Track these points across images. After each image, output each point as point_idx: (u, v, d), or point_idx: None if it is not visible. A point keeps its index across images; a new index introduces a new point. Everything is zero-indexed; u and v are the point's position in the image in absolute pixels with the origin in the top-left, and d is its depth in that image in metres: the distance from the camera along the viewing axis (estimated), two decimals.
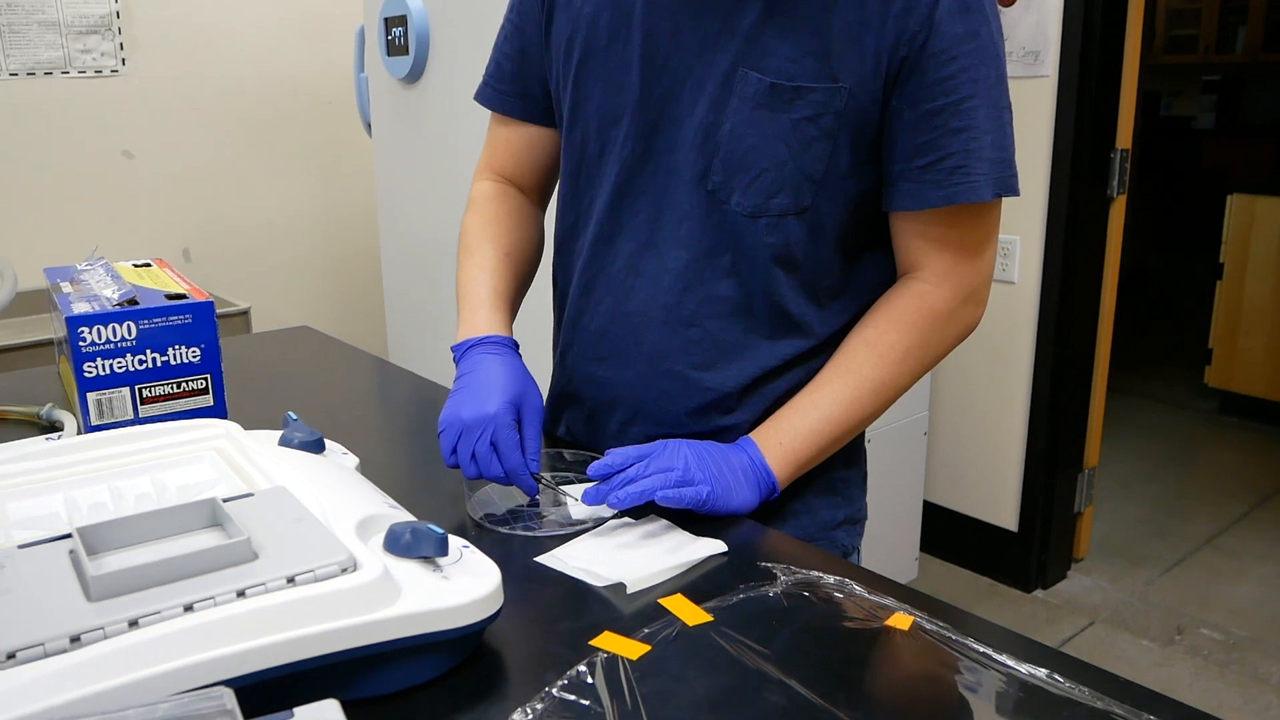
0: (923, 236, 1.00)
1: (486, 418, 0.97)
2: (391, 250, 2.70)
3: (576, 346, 1.12)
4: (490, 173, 1.23)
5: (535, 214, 1.23)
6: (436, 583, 0.71)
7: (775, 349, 1.04)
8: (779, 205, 0.98)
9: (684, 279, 1.02)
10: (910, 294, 1.02)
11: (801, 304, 1.03)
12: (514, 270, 1.16)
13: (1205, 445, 3.88)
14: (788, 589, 0.84)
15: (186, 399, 1.21)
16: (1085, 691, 0.70)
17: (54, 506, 0.83)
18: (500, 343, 1.05)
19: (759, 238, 0.99)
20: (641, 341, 1.06)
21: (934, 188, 0.96)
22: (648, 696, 0.69)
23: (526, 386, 1.02)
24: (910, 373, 1.02)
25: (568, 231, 1.13)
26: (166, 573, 0.65)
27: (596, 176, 1.07)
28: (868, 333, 1.02)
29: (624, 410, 1.09)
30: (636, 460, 0.95)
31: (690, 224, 1.01)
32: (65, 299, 1.21)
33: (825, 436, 1.01)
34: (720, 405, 1.05)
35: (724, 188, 0.99)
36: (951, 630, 0.78)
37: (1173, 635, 2.64)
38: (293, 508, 0.76)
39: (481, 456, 0.97)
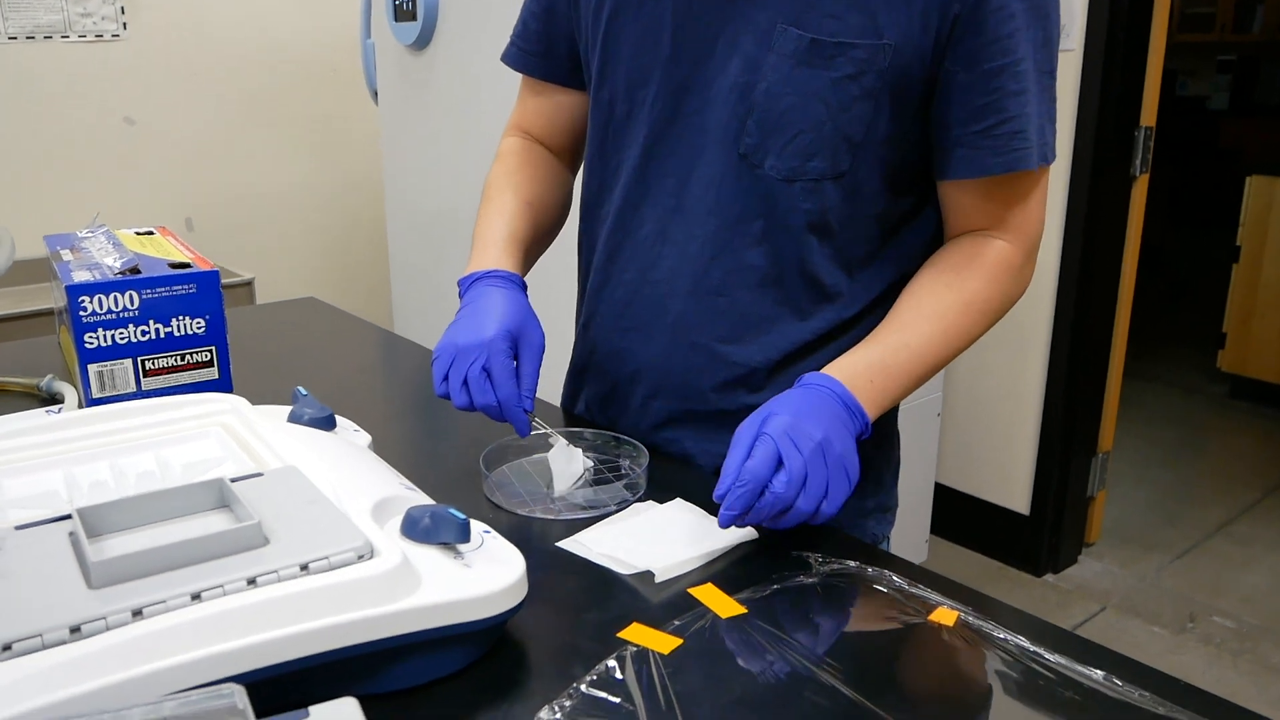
0: (983, 202, 0.96)
1: (481, 343, 0.93)
2: (397, 221, 2.65)
3: (600, 317, 1.08)
4: (517, 131, 1.20)
5: (562, 172, 1.19)
6: (458, 571, 0.67)
7: (805, 323, 0.99)
8: (816, 169, 0.93)
9: (712, 247, 0.98)
10: (983, 245, 0.97)
11: (834, 273, 0.98)
12: (533, 220, 1.11)
13: (1217, 430, 3.84)
14: (824, 580, 0.80)
15: (191, 372, 1.17)
16: (1146, 696, 0.66)
17: (53, 484, 0.79)
18: (505, 277, 1.01)
19: (793, 203, 0.95)
20: (666, 312, 1.02)
21: (992, 154, 0.91)
22: (681, 694, 0.66)
23: (527, 321, 0.97)
24: (986, 325, 0.97)
25: (593, 196, 1.09)
26: (173, 558, 0.61)
27: (624, 139, 1.03)
28: (947, 278, 0.97)
29: (647, 384, 1.05)
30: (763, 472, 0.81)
31: (721, 189, 0.97)
32: (65, 267, 1.16)
33: (911, 380, 0.94)
34: (747, 381, 1.01)
35: (758, 150, 0.94)
36: (999, 627, 0.74)
37: (1185, 622, 2.61)
38: (305, 489, 0.72)
39: (473, 381, 0.92)
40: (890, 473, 1.10)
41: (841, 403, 0.88)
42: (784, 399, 0.87)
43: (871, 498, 1.07)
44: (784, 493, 0.80)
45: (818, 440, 0.82)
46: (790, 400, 0.87)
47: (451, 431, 1.18)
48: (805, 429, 0.83)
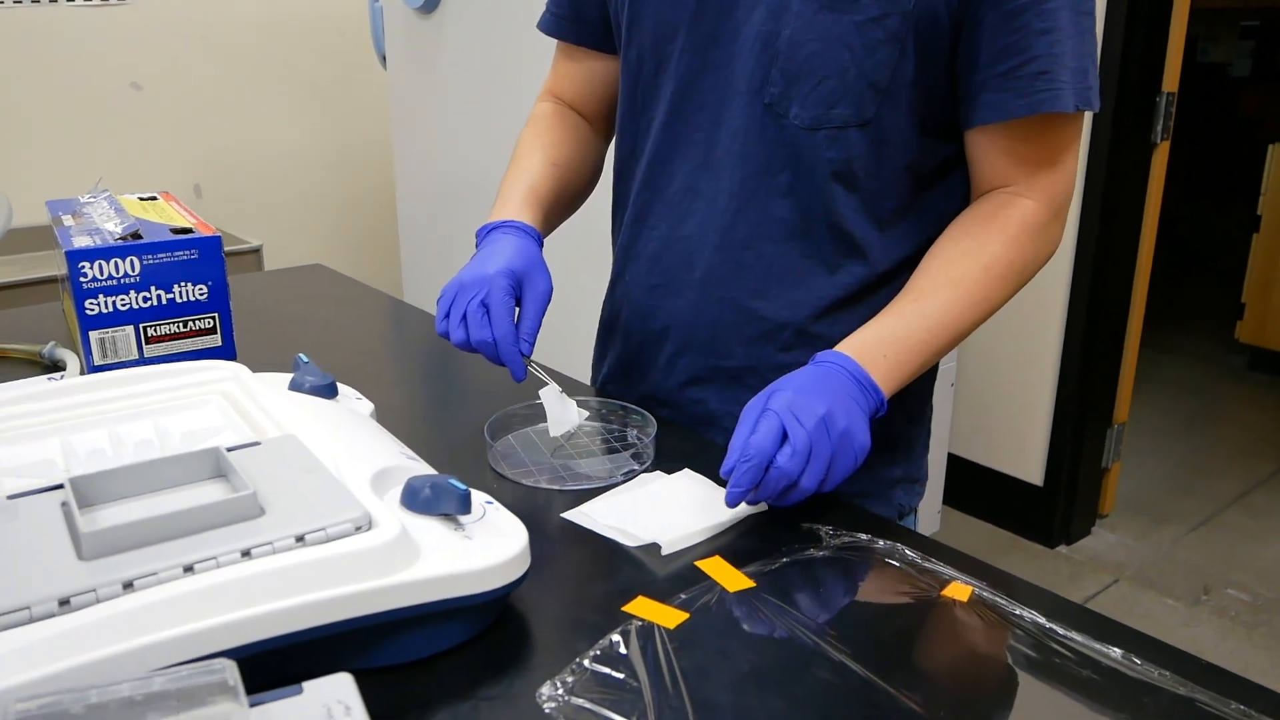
0: (1007, 153, 0.93)
1: (483, 279, 0.93)
2: (406, 187, 2.63)
3: (629, 274, 1.07)
4: (551, 95, 1.19)
5: (593, 138, 1.18)
6: (458, 543, 0.66)
7: (834, 278, 0.97)
8: (840, 116, 0.91)
9: (738, 199, 0.96)
10: (1006, 205, 0.93)
11: (863, 226, 0.96)
12: (558, 180, 1.10)
13: (1234, 402, 3.80)
14: (835, 553, 0.78)
15: (193, 339, 1.16)
16: (1166, 675, 0.64)
17: (50, 452, 0.78)
18: (518, 227, 1.00)
19: (818, 152, 0.93)
20: (694, 267, 1.00)
21: (1016, 96, 0.88)
22: (687, 670, 0.64)
23: (534, 267, 0.96)
24: (1010, 290, 0.94)
25: (625, 159, 1.08)
26: (165, 529, 0.60)
27: (652, 97, 1.02)
28: (967, 243, 0.93)
29: (674, 341, 1.04)
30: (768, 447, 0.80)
31: (746, 140, 0.95)
32: (66, 232, 1.15)
33: (929, 352, 0.91)
34: (775, 338, 0.99)
35: (782, 99, 0.92)
36: (1013, 603, 0.72)
37: (1199, 595, 2.59)
38: (303, 458, 0.70)
39: (471, 315, 0.91)
40: (921, 444, 1.07)
41: (854, 379, 0.86)
42: (791, 376, 0.87)
43: (900, 466, 1.04)
44: (788, 466, 0.79)
45: (820, 414, 0.81)
46: (796, 377, 0.86)
47: (457, 400, 1.16)
48: (808, 403, 0.82)
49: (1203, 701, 0.62)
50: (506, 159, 2.33)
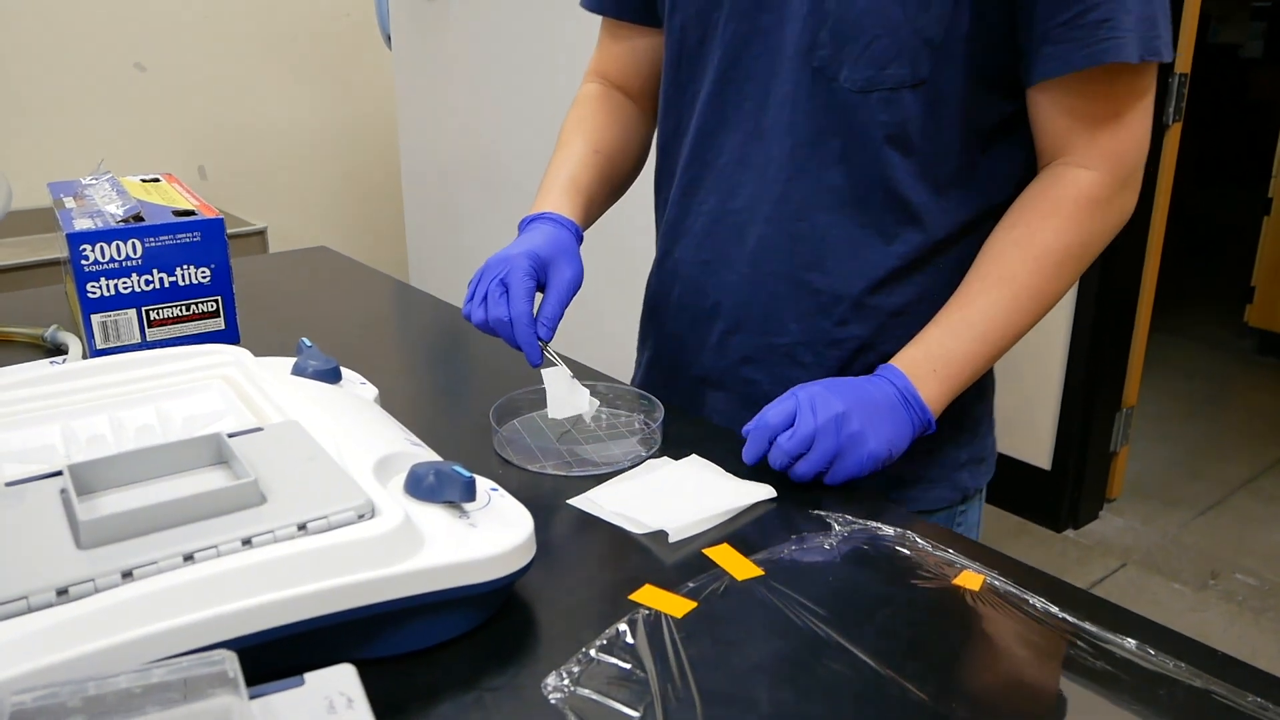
0: (1069, 112, 0.88)
1: (505, 259, 0.93)
2: (412, 169, 2.61)
3: (677, 250, 1.05)
4: (596, 76, 1.17)
5: (638, 119, 1.15)
6: (463, 531, 0.65)
7: (891, 248, 0.94)
8: (893, 76, 0.88)
9: (789, 168, 0.93)
10: (1062, 182, 0.89)
11: (920, 192, 0.92)
12: (600, 167, 1.09)
13: (1243, 386, 3.78)
14: (844, 541, 0.77)
15: (196, 322, 1.15)
16: (1181, 666, 0.63)
17: (50, 438, 0.77)
18: (553, 218, 1.00)
19: (871, 116, 0.89)
20: (745, 240, 0.97)
21: (1078, 46, 0.84)
22: (695, 660, 0.63)
23: (563, 255, 0.95)
24: (1069, 276, 0.90)
25: (670, 131, 1.05)
26: (165, 517, 0.59)
27: (697, 67, 0.99)
28: (1017, 232, 0.90)
29: (726, 319, 1.01)
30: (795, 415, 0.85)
31: (795, 107, 0.92)
32: (67, 215, 1.14)
33: (980, 359, 0.90)
34: (830, 311, 0.96)
35: (832, 62, 0.89)
36: (1026, 592, 0.71)
37: (1206, 579, 2.58)
38: (305, 445, 0.69)
39: (490, 294, 0.91)
40: (986, 423, 1.05)
41: (900, 396, 0.86)
42: (838, 379, 0.88)
43: (967, 448, 1.02)
44: (787, 447, 0.83)
45: (837, 412, 0.83)
46: (840, 379, 0.88)
47: (463, 385, 1.15)
48: (829, 399, 0.84)
49: (1219, 694, 0.61)
50: (513, 139, 2.32)
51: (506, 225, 2.27)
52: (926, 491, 1.00)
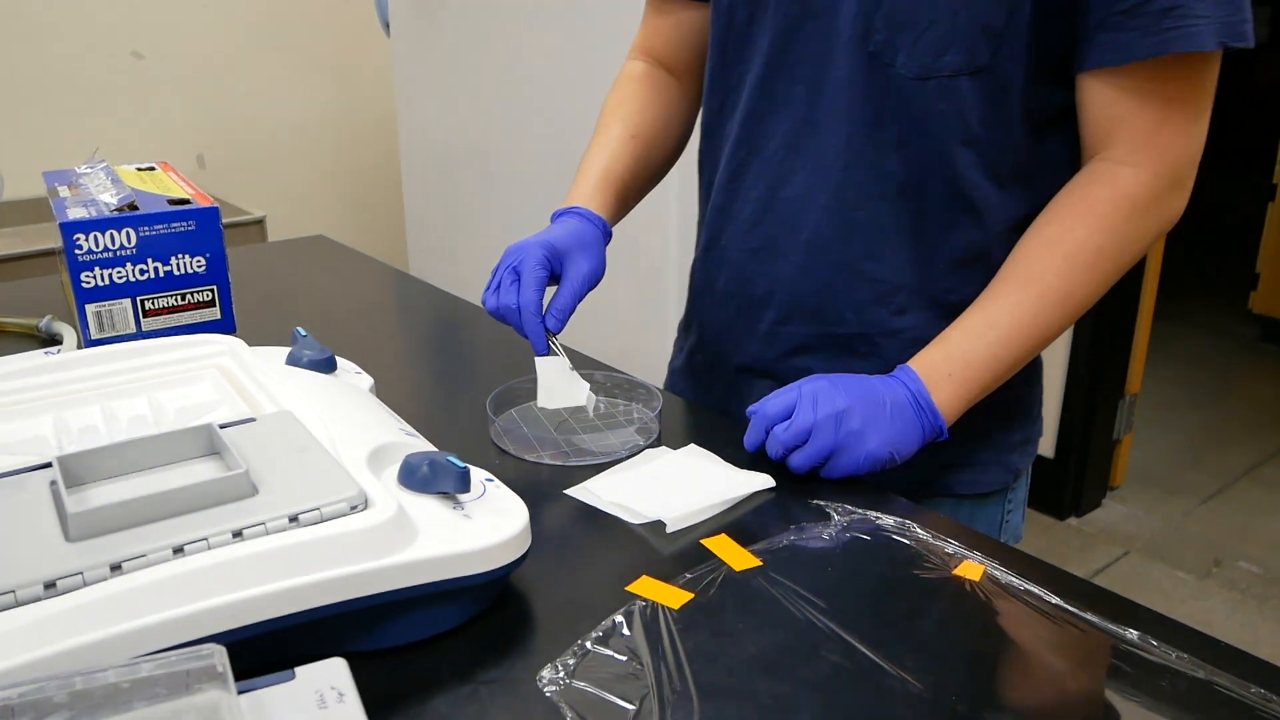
0: (1119, 103, 0.84)
1: (522, 248, 0.92)
2: (412, 157, 2.60)
3: (724, 238, 1.02)
4: (640, 53, 1.14)
5: (681, 100, 1.12)
6: (457, 522, 0.64)
7: (949, 238, 0.91)
8: (950, 64, 0.85)
9: (846, 156, 0.91)
10: (1101, 179, 0.85)
11: (979, 183, 0.89)
12: (637, 153, 1.07)
13: (1247, 374, 3.77)
14: (844, 531, 0.76)
15: (192, 312, 1.14)
16: (1184, 658, 0.62)
17: (42, 429, 0.76)
18: (581, 213, 0.98)
19: (929, 104, 0.86)
20: (799, 229, 0.95)
21: (1140, 35, 0.79)
22: (692, 652, 0.62)
23: (581, 247, 0.94)
24: (1103, 278, 0.86)
25: (714, 113, 1.02)
26: (154, 509, 0.58)
27: (746, 48, 0.96)
28: (1050, 230, 0.87)
29: (778, 307, 0.98)
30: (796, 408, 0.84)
31: (852, 93, 0.89)
32: (61, 204, 1.13)
33: (1002, 363, 0.87)
34: (889, 301, 0.94)
35: (887, 47, 0.86)
36: (1026, 581, 0.70)
37: (1209, 567, 2.57)
38: (298, 435, 0.69)
39: (503, 281, 0.91)
40: (1036, 406, 1.03)
41: (912, 400, 0.85)
42: (849, 375, 0.87)
43: (1019, 431, 1.01)
44: (783, 438, 0.83)
45: (838, 409, 0.82)
46: (849, 375, 0.87)
47: (460, 374, 1.14)
48: (832, 395, 0.83)
49: (1222, 685, 0.60)
50: (514, 128, 2.30)
51: (507, 215, 2.26)
52: (981, 474, 0.99)
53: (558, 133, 2.05)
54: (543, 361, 0.91)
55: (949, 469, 0.97)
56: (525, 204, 2.19)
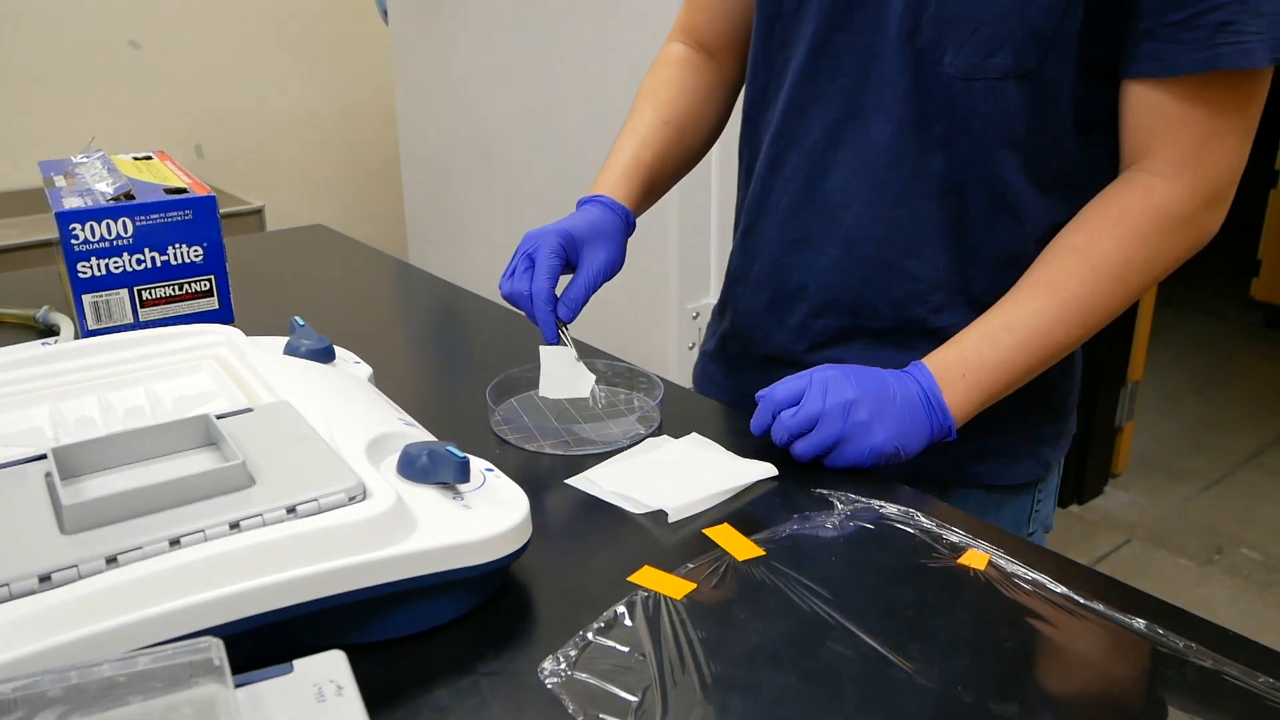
0: (1162, 114, 0.82)
1: (538, 234, 0.90)
2: (410, 148, 2.59)
3: (761, 227, 1.00)
4: (681, 33, 1.11)
5: (719, 85, 1.10)
6: (457, 513, 0.63)
7: (989, 238, 0.90)
8: (997, 66, 0.83)
9: (890, 153, 0.89)
10: (1135, 190, 0.84)
11: (1021, 186, 0.88)
12: (669, 140, 1.04)
13: (1249, 360, 3.76)
14: (847, 520, 0.76)
15: (189, 301, 1.13)
16: (1193, 646, 0.62)
17: (38, 420, 0.76)
18: (605, 202, 0.96)
19: (974, 105, 0.85)
20: (839, 223, 0.93)
21: (1191, 48, 0.78)
22: (695, 643, 0.62)
23: (600, 238, 0.93)
24: (1129, 290, 0.84)
25: (756, 99, 1.00)
26: (150, 501, 0.57)
27: (791, 34, 0.93)
28: (1078, 238, 0.85)
29: (813, 300, 0.97)
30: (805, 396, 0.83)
31: (897, 89, 0.87)
32: (57, 193, 1.12)
33: (1018, 368, 0.85)
34: (926, 299, 0.92)
35: (935, 45, 0.84)
36: (1032, 570, 0.69)
37: (1211, 554, 2.57)
38: (296, 425, 0.68)
39: (518, 267, 0.90)
40: (1072, 399, 1.02)
41: (923, 396, 0.84)
42: (857, 366, 0.86)
43: (1051, 424, 1.00)
44: (789, 424, 0.83)
45: (847, 399, 0.82)
46: (860, 367, 0.85)
47: (460, 364, 1.14)
48: (842, 385, 0.82)
49: (1230, 674, 0.60)
50: (513, 116, 2.29)
51: (507, 203, 2.25)
52: (1013, 466, 0.98)
53: (557, 121, 2.04)
54: (547, 350, 0.90)
55: (981, 459, 0.96)
56: (525, 192, 2.18)
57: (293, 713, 0.47)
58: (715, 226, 1.84)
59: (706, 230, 1.85)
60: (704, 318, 1.90)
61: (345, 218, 3.10)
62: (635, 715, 0.56)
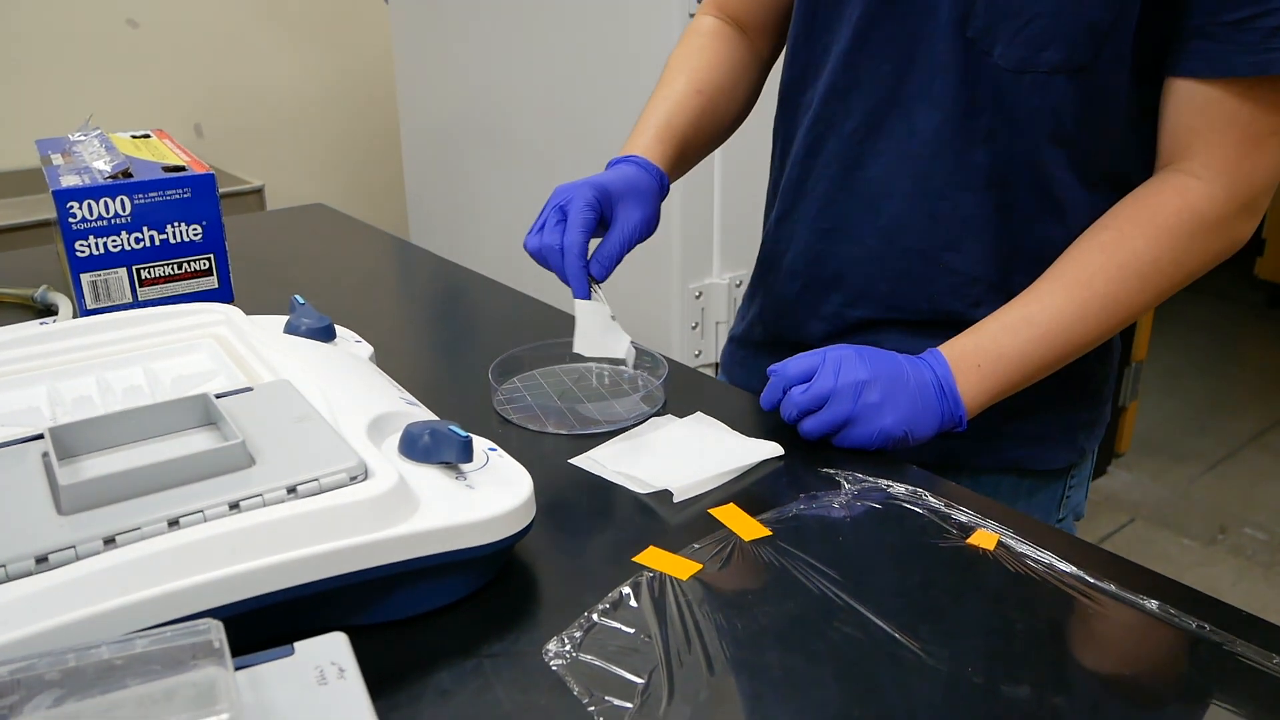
0: (1204, 115, 0.80)
1: (571, 187, 0.85)
2: (411, 127, 2.57)
3: (796, 214, 0.98)
4: (713, 7, 1.07)
5: (751, 60, 1.07)
6: (459, 492, 0.62)
7: (1031, 233, 0.88)
8: (1049, 60, 0.81)
9: (934, 144, 0.87)
10: (1170, 190, 0.82)
11: (1067, 181, 0.86)
12: (700, 109, 1.00)
13: (1253, 340, 3.75)
14: (855, 500, 0.75)
15: (189, 280, 1.12)
16: (1206, 627, 0.61)
17: (35, 400, 0.75)
18: (638, 161, 0.92)
19: (1023, 98, 0.83)
20: (878, 213, 0.91)
21: (1244, 51, 0.76)
22: (701, 624, 0.61)
23: (634, 195, 0.87)
24: (1154, 291, 0.83)
25: (794, 82, 0.97)
26: (148, 481, 0.56)
27: (834, 18, 0.91)
28: (1106, 235, 0.83)
29: (847, 291, 0.95)
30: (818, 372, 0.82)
31: (945, 78, 0.85)
32: (54, 172, 1.11)
33: (1035, 362, 0.83)
34: (965, 293, 0.90)
35: (986, 35, 0.82)
36: (1042, 550, 0.68)
37: (1215, 534, 2.56)
38: (296, 404, 0.67)
39: (548, 220, 0.84)
40: (1109, 386, 1.00)
41: (937, 383, 0.82)
42: (871, 348, 0.84)
43: (1088, 410, 0.98)
44: (799, 401, 0.82)
45: (859, 379, 0.80)
46: (875, 349, 0.84)
47: (463, 343, 1.13)
48: (855, 365, 0.81)
49: (1244, 655, 0.59)
50: (516, 94, 2.27)
51: (509, 182, 2.23)
52: (1049, 451, 0.96)
53: (559, 97, 2.02)
54: (583, 305, 0.84)
55: (1017, 443, 0.95)
56: (527, 170, 2.17)
57: (294, 695, 0.47)
58: (719, 204, 1.83)
59: (710, 208, 1.83)
60: (707, 296, 1.89)
61: (346, 197, 3.08)
62: (641, 697, 0.55)
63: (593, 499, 0.77)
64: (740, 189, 1.81)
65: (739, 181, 1.80)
